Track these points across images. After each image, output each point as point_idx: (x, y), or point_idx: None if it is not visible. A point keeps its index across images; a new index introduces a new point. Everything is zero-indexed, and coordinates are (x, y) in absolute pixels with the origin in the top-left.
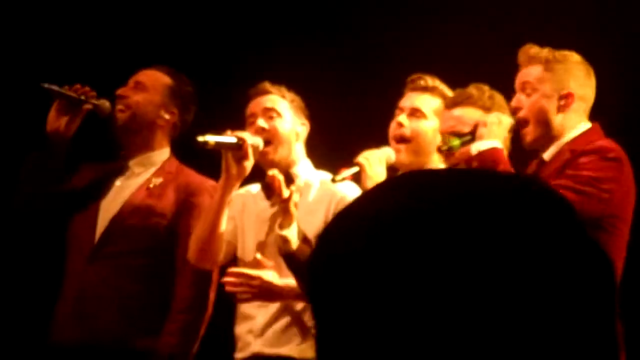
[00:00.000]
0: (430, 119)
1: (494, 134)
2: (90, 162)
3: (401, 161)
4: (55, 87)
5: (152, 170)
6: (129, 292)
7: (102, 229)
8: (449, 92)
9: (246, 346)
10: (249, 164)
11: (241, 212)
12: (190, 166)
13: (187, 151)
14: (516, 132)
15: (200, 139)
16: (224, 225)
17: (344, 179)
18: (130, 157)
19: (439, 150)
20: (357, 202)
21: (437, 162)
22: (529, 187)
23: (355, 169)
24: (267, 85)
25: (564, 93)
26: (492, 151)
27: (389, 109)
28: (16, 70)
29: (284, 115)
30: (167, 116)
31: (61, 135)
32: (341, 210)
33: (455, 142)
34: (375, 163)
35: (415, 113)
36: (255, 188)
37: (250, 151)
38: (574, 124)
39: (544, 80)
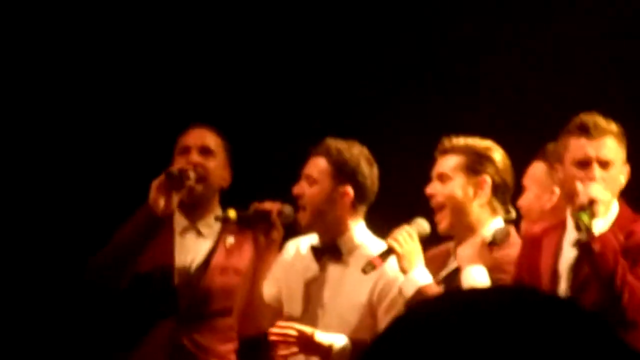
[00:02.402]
0: (455, 178)
1: (605, 213)
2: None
3: (444, 229)
4: (174, 171)
5: (217, 229)
6: (220, 353)
7: (188, 291)
8: (476, 145)
9: None
10: (277, 234)
11: (288, 272)
12: None
13: None
14: None
15: (220, 215)
16: (265, 291)
17: (374, 268)
18: (195, 218)
19: (578, 229)
20: (407, 322)
21: (477, 216)
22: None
23: (384, 252)
24: (324, 144)
25: (626, 168)
26: (610, 237)
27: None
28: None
29: (322, 181)
30: (227, 177)
31: (166, 214)
32: (391, 329)
33: (585, 217)
34: (406, 240)
35: (441, 178)
36: (306, 244)
37: (277, 222)
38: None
39: (619, 154)
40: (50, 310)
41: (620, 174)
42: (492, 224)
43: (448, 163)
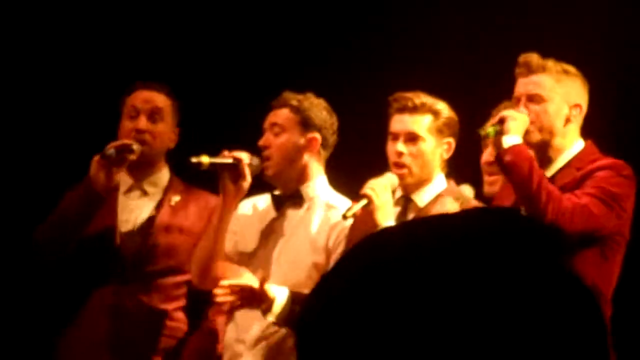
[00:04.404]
0: (428, 139)
1: (518, 129)
2: (75, 185)
3: (407, 184)
4: (110, 153)
5: (162, 188)
6: (162, 312)
7: (131, 249)
8: (437, 104)
9: (236, 357)
10: (246, 183)
11: (244, 224)
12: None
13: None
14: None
15: (194, 159)
16: (225, 244)
17: (354, 214)
18: (140, 177)
19: (478, 133)
20: (346, 261)
21: (439, 175)
22: (515, 224)
23: (363, 202)
24: (284, 96)
25: (573, 104)
26: (523, 147)
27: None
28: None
29: (289, 130)
30: (173, 137)
31: (108, 188)
32: (334, 268)
33: (491, 129)
34: (382, 192)
35: (411, 138)
36: (263, 202)
37: (247, 171)
38: (573, 140)
39: (554, 91)
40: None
41: (562, 111)
42: (437, 178)
43: (418, 122)
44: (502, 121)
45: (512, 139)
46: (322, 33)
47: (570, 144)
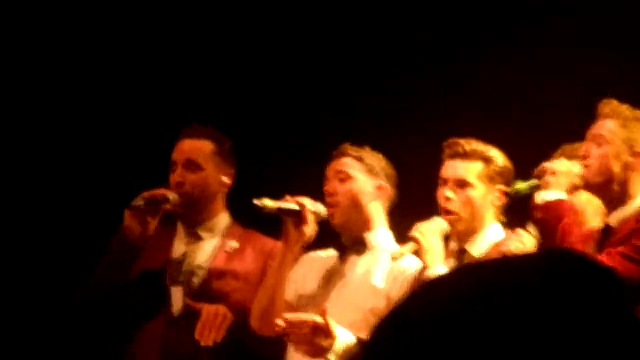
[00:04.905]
0: (477, 186)
1: (560, 183)
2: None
3: (458, 231)
4: (139, 204)
5: (219, 234)
6: (215, 355)
7: (184, 293)
8: (489, 151)
9: None
10: (308, 230)
11: (305, 274)
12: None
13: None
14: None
15: (257, 202)
16: (286, 291)
17: (401, 254)
18: (194, 224)
19: (505, 192)
20: (410, 303)
21: (491, 223)
22: (572, 267)
23: (411, 244)
24: (346, 147)
25: (637, 152)
26: (558, 203)
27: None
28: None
29: (357, 177)
30: (225, 180)
31: (144, 238)
32: (397, 307)
33: (521, 185)
34: (430, 235)
35: (460, 184)
36: (326, 253)
37: (310, 217)
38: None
39: (617, 134)
40: (40, 311)
41: (621, 156)
42: (491, 226)
43: (468, 169)
44: (542, 173)
45: (548, 194)
46: (377, 81)
47: (637, 193)
